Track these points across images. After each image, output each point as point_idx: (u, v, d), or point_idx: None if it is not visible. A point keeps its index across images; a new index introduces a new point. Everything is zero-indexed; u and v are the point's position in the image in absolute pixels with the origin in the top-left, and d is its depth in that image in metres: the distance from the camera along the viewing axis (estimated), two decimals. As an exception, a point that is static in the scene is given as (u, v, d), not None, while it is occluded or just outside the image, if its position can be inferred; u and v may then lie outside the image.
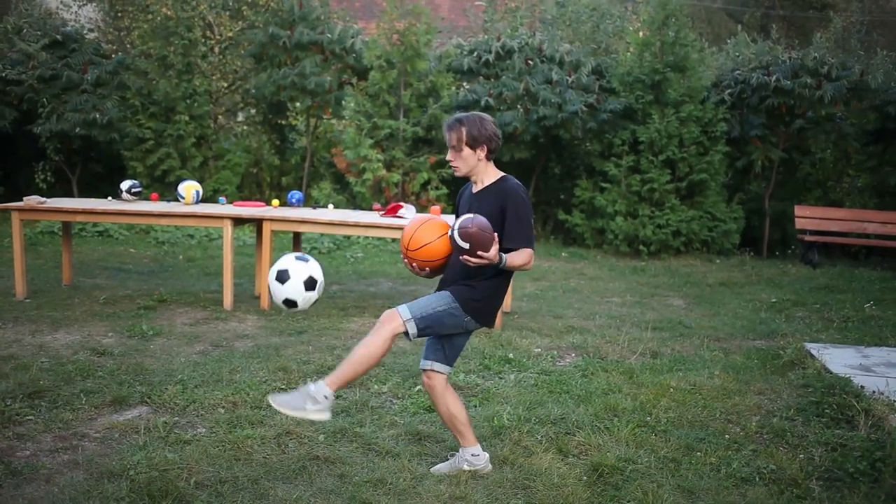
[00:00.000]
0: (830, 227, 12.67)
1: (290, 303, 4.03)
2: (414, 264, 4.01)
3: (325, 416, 3.80)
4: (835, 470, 4.18)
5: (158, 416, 4.70)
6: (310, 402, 3.74)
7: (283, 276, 3.99)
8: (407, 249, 3.98)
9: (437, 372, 4.02)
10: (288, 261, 4.04)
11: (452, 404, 4.06)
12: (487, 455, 4.17)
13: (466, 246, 3.66)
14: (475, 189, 4.06)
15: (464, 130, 3.93)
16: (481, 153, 3.96)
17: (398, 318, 3.91)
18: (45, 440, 4.33)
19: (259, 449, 4.28)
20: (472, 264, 3.72)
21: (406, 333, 3.89)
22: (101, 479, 3.85)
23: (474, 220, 3.69)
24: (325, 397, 3.77)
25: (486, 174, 4.03)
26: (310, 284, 4.01)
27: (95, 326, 6.78)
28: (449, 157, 4.02)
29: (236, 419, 4.68)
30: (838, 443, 4.54)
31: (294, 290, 4.00)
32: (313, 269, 4.05)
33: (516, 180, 4.02)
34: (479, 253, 3.66)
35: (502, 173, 4.06)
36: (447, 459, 4.21)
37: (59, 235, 10.91)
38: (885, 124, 13.04)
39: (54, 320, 6.92)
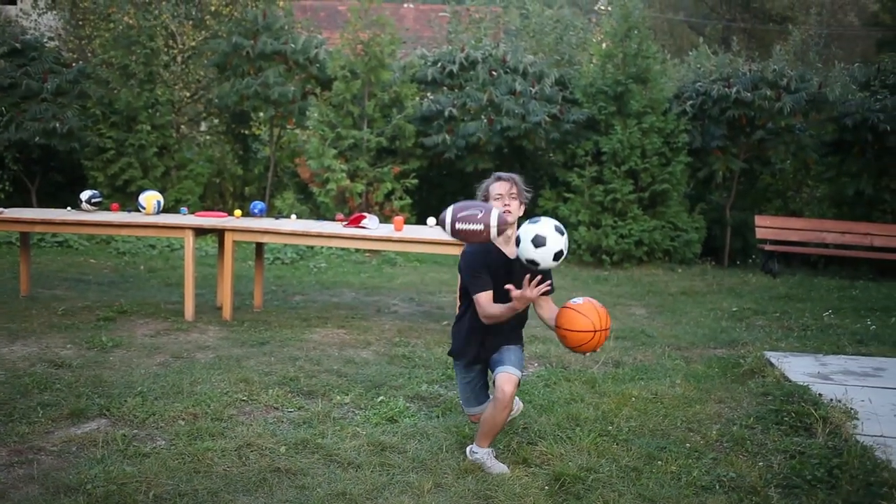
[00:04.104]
0: (790, 236, 12.83)
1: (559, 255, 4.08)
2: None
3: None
4: (793, 477, 4.22)
5: (117, 429, 4.64)
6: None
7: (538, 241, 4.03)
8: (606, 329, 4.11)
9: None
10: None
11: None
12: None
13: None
14: (510, 254, 4.27)
15: (518, 183, 4.33)
16: (521, 210, 4.36)
17: (516, 379, 4.17)
18: None
19: (219, 461, 4.24)
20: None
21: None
22: (57, 493, 3.79)
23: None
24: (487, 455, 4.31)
25: (515, 231, 4.26)
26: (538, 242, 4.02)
27: (53, 338, 6.69)
28: (507, 201, 4.27)
29: (196, 431, 4.63)
30: (797, 450, 4.59)
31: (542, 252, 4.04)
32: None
33: None
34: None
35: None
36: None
37: (17, 246, 10.75)
38: (842, 136, 13.24)
39: (11, 332, 6.81)
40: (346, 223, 7.95)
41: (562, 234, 4.05)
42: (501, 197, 4.24)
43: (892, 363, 6.73)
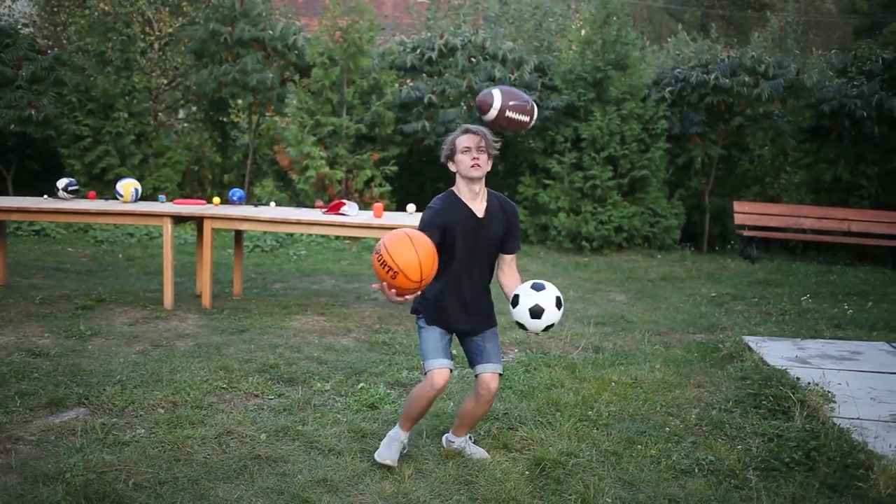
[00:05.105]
0: (768, 222, 12.90)
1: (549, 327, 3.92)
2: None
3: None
4: (771, 460, 4.26)
5: (96, 418, 4.62)
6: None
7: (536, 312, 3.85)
8: (422, 280, 3.72)
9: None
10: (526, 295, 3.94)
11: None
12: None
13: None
14: (479, 211, 4.06)
15: (487, 136, 4.01)
16: (489, 164, 4.05)
17: (499, 375, 4.19)
18: (-23, 444, 4.22)
19: (199, 449, 4.23)
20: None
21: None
22: (35, 482, 3.77)
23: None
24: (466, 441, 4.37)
25: (483, 187, 4.10)
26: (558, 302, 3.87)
27: (31, 327, 6.64)
28: (476, 155, 3.97)
29: (176, 419, 4.61)
30: (775, 433, 4.63)
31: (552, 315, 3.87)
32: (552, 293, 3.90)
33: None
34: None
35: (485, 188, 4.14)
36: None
37: (-6, 235, 10.67)
38: (819, 122, 13.29)
39: (-12, 321, 6.76)
40: (325, 210, 7.93)
41: (559, 307, 3.88)
42: (469, 150, 3.95)
43: (868, 347, 6.80)
